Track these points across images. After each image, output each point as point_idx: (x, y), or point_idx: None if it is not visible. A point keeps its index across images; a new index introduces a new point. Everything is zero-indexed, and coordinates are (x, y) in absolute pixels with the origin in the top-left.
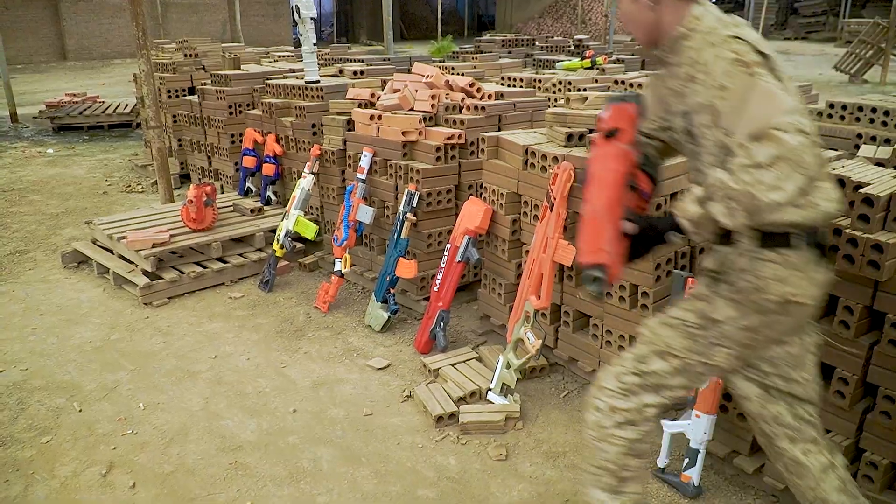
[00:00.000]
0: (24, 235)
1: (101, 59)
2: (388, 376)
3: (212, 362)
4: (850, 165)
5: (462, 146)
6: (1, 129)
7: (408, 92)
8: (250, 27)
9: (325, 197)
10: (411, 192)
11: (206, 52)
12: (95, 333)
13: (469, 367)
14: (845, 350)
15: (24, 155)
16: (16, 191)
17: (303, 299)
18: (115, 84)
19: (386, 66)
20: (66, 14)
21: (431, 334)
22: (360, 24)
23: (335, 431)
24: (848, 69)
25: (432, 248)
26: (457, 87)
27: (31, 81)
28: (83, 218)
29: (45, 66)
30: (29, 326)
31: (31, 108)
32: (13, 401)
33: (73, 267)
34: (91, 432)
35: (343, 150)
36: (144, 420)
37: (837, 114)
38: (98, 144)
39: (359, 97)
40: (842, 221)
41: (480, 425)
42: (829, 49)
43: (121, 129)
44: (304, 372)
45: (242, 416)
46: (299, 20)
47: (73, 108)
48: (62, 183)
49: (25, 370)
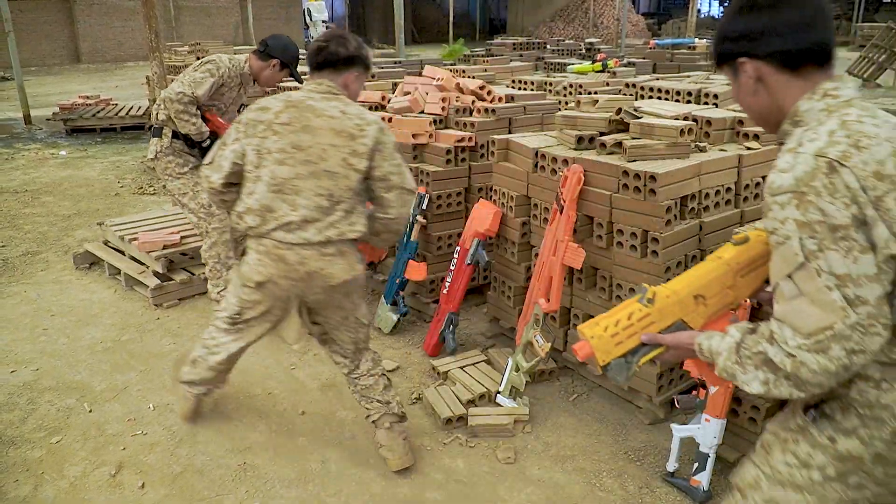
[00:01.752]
0: (36, 236)
1: (114, 62)
2: (397, 378)
3: None
4: None
5: (472, 149)
6: (14, 130)
7: (418, 95)
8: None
9: None
10: (421, 195)
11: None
12: (106, 334)
13: (478, 370)
14: None
15: (37, 157)
16: (29, 192)
17: None
18: (128, 86)
19: (397, 69)
20: (79, 17)
21: (440, 337)
22: (372, 27)
23: (344, 433)
24: (861, 73)
25: (442, 250)
26: (467, 90)
27: (45, 84)
28: (95, 219)
29: (58, 69)
30: (40, 327)
31: (45, 111)
32: (24, 401)
33: (84, 268)
34: (101, 433)
35: None
36: (154, 421)
37: None
38: (111, 146)
39: (369, 100)
40: None
41: (489, 428)
42: (842, 53)
43: (133, 131)
44: (313, 373)
45: (251, 418)
46: (310, 23)
47: (86, 111)
48: (75, 184)
49: (36, 370)
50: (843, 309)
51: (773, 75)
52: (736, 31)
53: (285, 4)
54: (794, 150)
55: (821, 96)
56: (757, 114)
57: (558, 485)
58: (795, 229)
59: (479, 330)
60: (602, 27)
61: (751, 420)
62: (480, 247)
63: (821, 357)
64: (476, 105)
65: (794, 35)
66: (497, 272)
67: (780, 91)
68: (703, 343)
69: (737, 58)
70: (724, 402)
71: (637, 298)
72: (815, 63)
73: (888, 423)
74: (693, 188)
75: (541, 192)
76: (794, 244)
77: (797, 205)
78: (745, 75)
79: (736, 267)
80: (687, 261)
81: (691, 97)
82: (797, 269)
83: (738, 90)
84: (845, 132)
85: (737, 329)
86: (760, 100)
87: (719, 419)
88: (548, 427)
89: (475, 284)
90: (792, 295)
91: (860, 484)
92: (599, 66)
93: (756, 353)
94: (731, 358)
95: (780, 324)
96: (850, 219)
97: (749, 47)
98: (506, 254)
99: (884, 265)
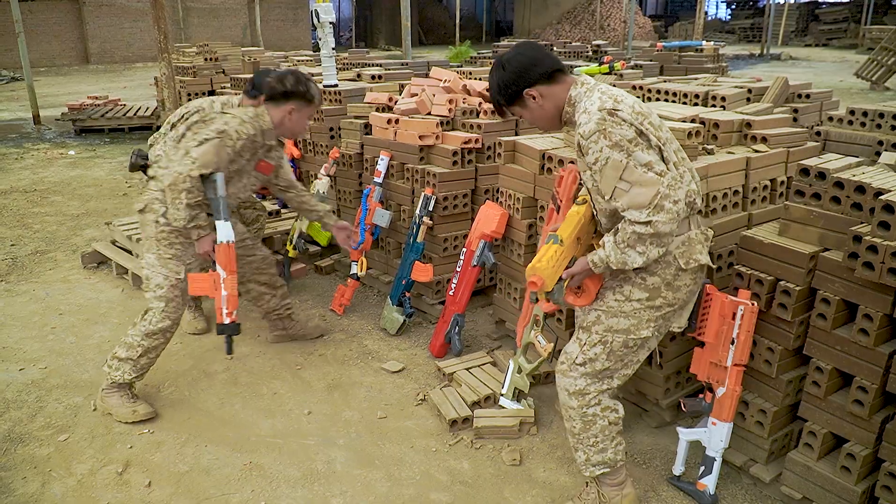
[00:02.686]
0: (45, 236)
1: (122, 63)
2: (403, 380)
3: (228, 363)
4: (870, 172)
5: (479, 150)
6: (24, 130)
7: (425, 96)
8: (270, 31)
9: (341, 200)
10: (427, 196)
11: (226, 56)
12: (114, 333)
13: (484, 372)
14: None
15: (46, 156)
16: (38, 191)
17: (318, 302)
18: (137, 87)
19: (404, 71)
20: (88, 18)
21: (446, 338)
22: (379, 28)
23: (349, 434)
24: (869, 76)
25: (448, 252)
26: (474, 91)
27: (54, 84)
28: (103, 219)
29: (67, 69)
30: (48, 325)
31: (54, 111)
32: (32, 398)
33: (92, 267)
34: (108, 431)
35: (360, 153)
36: (160, 419)
37: (858, 120)
38: (119, 146)
39: (376, 101)
40: (862, 228)
41: (494, 430)
42: (851, 56)
43: (141, 131)
44: (319, 374)
45: (258, 417)
46: (318, 24)
47: (94, 111)
48: (83, 184)
49: (44, 369)
50: (658, 179)
51: (547, 90)
52: (509, 79)
53: (293, 6)
54: (586, 112)
55: (580, 85)
56: (549, 119)
57: (564, 487)
58: (609, 150)
59: (485, 331)
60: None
61: (758, 424)
62: (487, 248)
63: (661, 213)
64: (483, 107)
65: (540, 64)
66: (503, 274)
67: (555, 97)
68: (594, 258)
69: (522, 92)
70: (732, 405)
71: (552, 242)
72: (560, 72)
73: (672, 263)
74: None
75: (547, 193)
76: (615, 156)
77: (603, 136)
78: (532, 100)
79: (587, 217)
80: None
81: (699, 99)
82: (623, 171)
83: (531, 114)
84: (608, 95)
85: (606, 237)
86: (547, 109)
87: (726, 423)
88: (553, 429)
89: (481, 286)
90: (626, 188)
91: (659, 305)
92: (606, 68)
93: (627, 238)
94: (615, 252)
95: (629, 210)
96: (635, 131)
97: (525, 83)
98: (512, 255)
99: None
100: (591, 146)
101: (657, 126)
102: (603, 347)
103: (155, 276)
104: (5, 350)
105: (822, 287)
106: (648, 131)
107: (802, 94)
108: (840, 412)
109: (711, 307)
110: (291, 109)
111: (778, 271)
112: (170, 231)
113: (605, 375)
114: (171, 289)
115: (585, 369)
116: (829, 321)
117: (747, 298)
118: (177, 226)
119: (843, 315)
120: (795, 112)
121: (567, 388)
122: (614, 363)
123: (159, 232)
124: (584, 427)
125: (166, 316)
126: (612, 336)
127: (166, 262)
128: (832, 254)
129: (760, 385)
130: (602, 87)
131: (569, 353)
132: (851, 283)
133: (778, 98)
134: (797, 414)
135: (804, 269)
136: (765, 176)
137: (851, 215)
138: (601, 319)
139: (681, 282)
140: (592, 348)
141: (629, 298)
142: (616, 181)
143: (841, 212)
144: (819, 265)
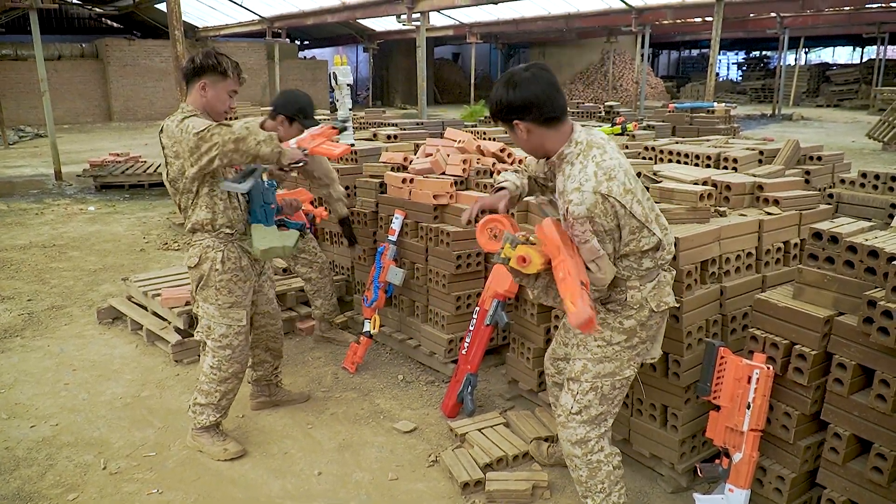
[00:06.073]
0: (61, 291)
1: (145, 121)
2: (415, 440)
3: (239, 421)
4: (883, 236)
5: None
6: (45, 186)
7: (440, 156)
8: None
9: (355, 258)
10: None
11: (245, 115)
12: (126, 390)
13: (496, 433)
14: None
15: (66, 212)
16: (56, 247)
17: (331, 359)
18: (157, 144)
19: (419, 131)
20: (112, 77)
21: (459, 398)
22: (396, 88)
23: (360, 495)
24: (881, 137)
25: (461, 310)
26: (488, 152)
27: (77, 141)
28: (120, 274)
29: (91, 126)
30: (61, 381)
31: (76, 167)
32: (42, 456)
33: (108, 323)
34: (117, 490)
35: (375, 211)
36: (170, 479)
37: (871, 183)
38: (138, 202)
39: (392, 161)
40: (876, 293)
41: (507, 493)
42: (862, 116)
43: (160, 187)
44: (331, 433)
45: (268, 477)
46: (336, 86)
47: (115, 168)
48: (101, 240)
49: (55, 426)
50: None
51: (537, 129)
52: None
53: (312, 67)
54: (579, 189)
55: (574, 145)
56: (531, 150)
57: None
58: (591, 234)
59: (498, 391)
60: (621, 90)
61: (776, 491)
62: (500, 308)
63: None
64: (496, 167)
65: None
66: (516, 333)
67: (542, 138)
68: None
69: (512, 121)
70: (749, 472)
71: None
72: (558, 120)
73: (644, 306)
74: (713, 253)
75: None
76: (593, 244)
77: (590, 222)
78: (519, 130)
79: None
80: (708, 325)
81: (710, 161)
82: (594, 256)
83: (515, 137)
84: (602, 171)
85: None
86: (532, 142)
87: (744, 490)
88: (567, 494)
89: (494, 345)
90: (591, 261)
91: (635, 344)
92: (619, 128)
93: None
94: None
95: (596, 266)
96: (615, 223)
97: (519, 115)
98: (525, 315)
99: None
100: (576, 225)
101: (642, 201)
102: (595, 393)
103: (218, 327)
104: (18, 406)
105: (837, 352)
106: (634, 211)
107: (814, 156)
108: (859, 479)
109: (726, 370)
110: (204, 84)
111: (793, 335)
112: (229, 279)
113: (600, 420)
114: (236, 336)
115: (582, 417)
116: (845, 386)
117: (762, 362)
118: (269, 151)
119: (860, 380)
120: (807, 174)
121: (569, 439)
122: (606, 406)
123: (219, 280)
124: (590, 474)
125: (234, 361)
126: (601, 381)
127: (226, 311)
128: (847, 318)
129: (778, 451)
130: (595, 152)
131: (563, 405)
132: (867, 347)
133: (790, 160)
134: (815, 480)
135: (819, 334)
136: (778, 238)
137: (865, 279)
138: (588, 367)
139: (652, 321)
140: (585, 396)
141: (610, 343)
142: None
143: (855, 276)
144: (834, 329)
